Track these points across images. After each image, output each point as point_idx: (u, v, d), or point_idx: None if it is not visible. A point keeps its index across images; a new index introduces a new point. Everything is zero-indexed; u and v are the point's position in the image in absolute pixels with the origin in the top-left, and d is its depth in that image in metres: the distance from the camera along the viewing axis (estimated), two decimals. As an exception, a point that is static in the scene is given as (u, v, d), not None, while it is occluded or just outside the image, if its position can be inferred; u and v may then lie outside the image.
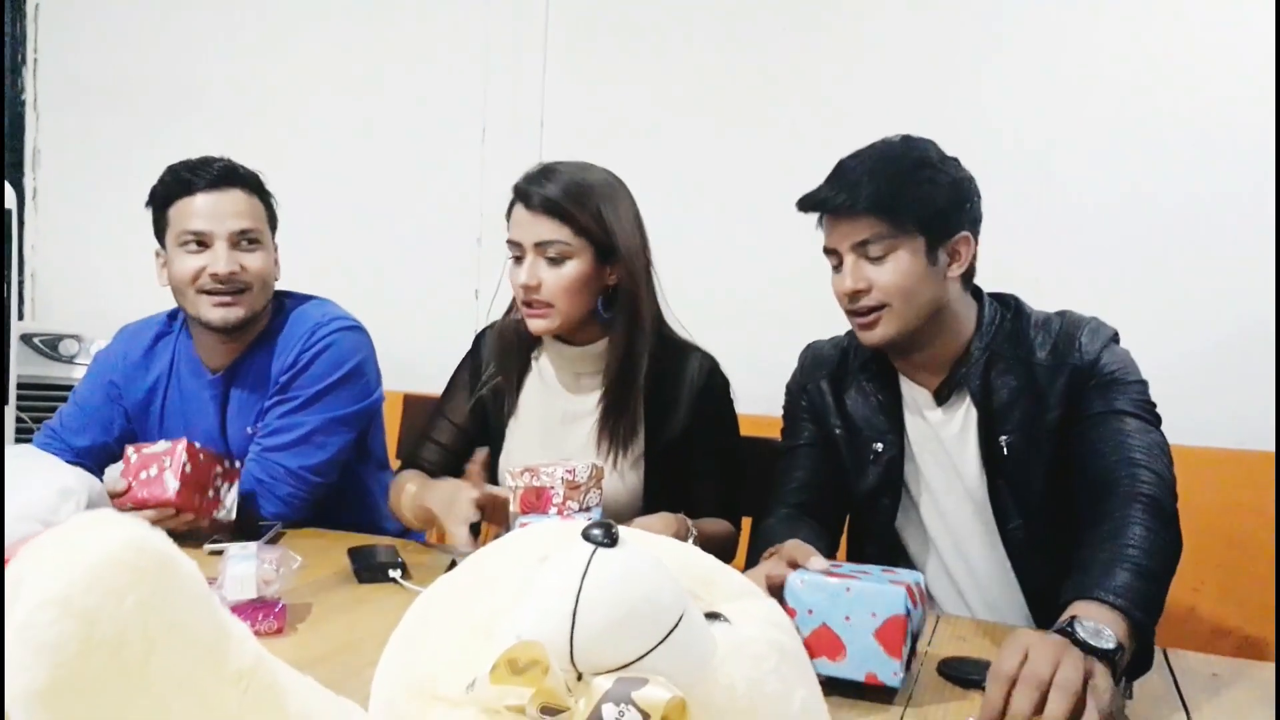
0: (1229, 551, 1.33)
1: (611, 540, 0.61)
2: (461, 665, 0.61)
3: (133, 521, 0.51)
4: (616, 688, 0.57)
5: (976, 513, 1.48)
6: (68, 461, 1.71)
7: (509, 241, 1.59)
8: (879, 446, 1.50)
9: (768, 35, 2.47)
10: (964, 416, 1.46)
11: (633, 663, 0.58)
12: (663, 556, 0.65)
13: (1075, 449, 1.38)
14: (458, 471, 1.69)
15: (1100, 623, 1.07)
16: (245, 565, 1.18)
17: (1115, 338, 1.44)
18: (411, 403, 2.53)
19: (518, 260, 1.58)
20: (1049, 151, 2.19)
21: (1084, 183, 2.16)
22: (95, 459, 1.79)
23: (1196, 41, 2.16)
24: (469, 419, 1.73)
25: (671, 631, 0.59)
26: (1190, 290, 2.15)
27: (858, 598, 1.06)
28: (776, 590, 1.09)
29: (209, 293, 1.67)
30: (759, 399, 1.80)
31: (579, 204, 1.55)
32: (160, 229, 1.73)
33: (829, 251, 1.43)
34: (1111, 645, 1.05)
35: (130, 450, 1.54)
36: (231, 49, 2.93)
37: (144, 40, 3.01)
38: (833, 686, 1.05)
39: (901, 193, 1.36)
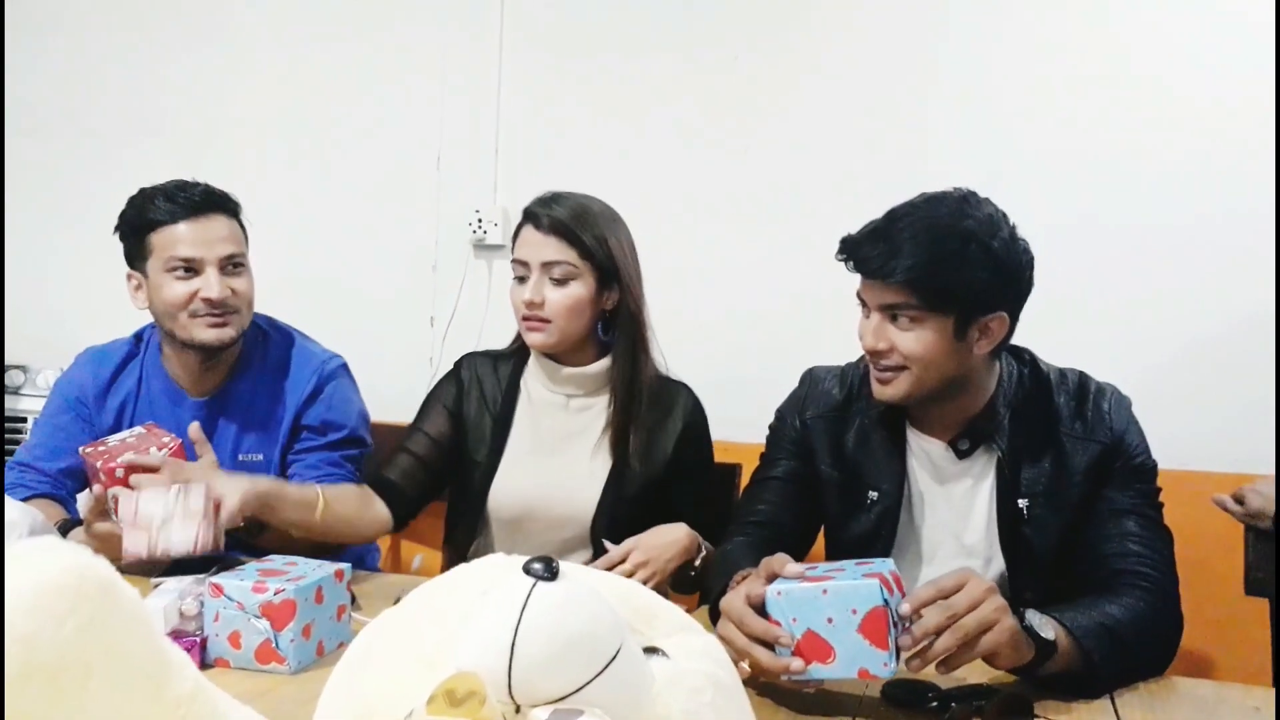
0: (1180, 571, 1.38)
1: (552, 574, 0.62)
2: (403, 696, 0.61)
3: (74, 548, 0.52)
4: (553, 719, 0.58)
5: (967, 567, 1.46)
6: (45, 487, 1.76)
7: (515, 261, 1.67)
8: (874, 494, 1.47)
9: (727, 54, 2.51)
10: (979, 473, 1.44)
11: (570, 694, 0.60)
12: (603, 591, 0.67)
13: (1084, 531, 1.39)
14: (430, 485, 1.74)
15: (1050, 625, 1.16)
16: (162, 599, 1.17)
17: (1130, 405, 1.45)
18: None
19: (521, 280, 1.65)
20: (994, 175, 2.25)
21: (1034, 208, 2.23)
22: (74, 480, 1.79)
23: (1145, 68, 2.24)
24: (447, 433, 1.75)
25: (609, 664, 0.61)
26: (1135, 313, 2.23)
27: (835, 598, 1.08)
28: (759, 608, 1.11)
29: (200, 315, 1.70)
30: (723, 422, 1.84)
31: (585, 227, 1.64)
32: (137, 255, 1.72)
33: (861, 296, 1.41)
34: (1047, 637, 1.14)
35: (89, 451, 1.54)
36: (186, 78, 2.92)
37: (98, 69, 2.99)
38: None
39: (939, 273, 1.31)
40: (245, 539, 1.56)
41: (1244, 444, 2.09)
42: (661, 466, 1.70)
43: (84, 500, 1.70)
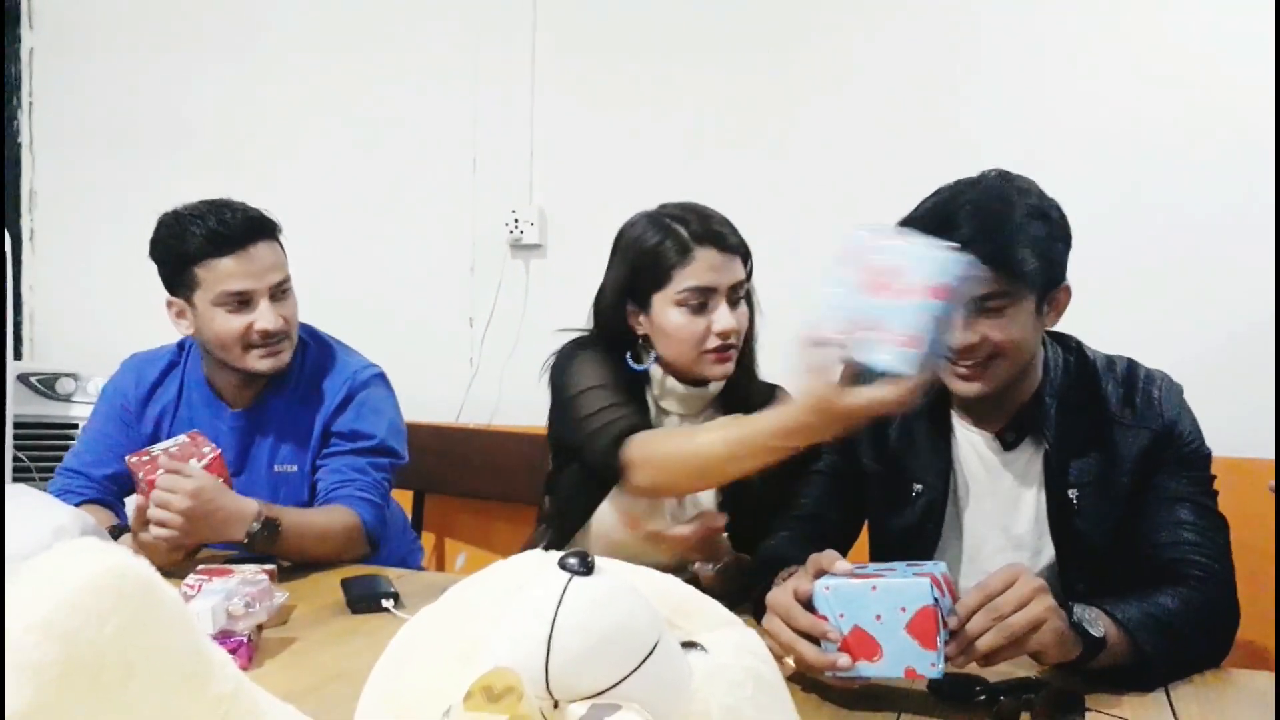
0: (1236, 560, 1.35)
1: (588, 569, 0.62)
2: (442, 693, 0.62)
3: (117, 549, 0.52)
4: (590, 714, 0.58)
5: (1016, 562, 1.38)
6: (92, 493, 1.78)
7: (695, 289, 1.49)
8: (919, 487, 1.44)
9: (756, 52, 2.50)
10: (1026, 464, 1.41)
11: (607, 690, 0.60)
12: (640, 585, 0.66)
13: (1136, 520, 1.36)
14: None
15: (1101, 620, 1.13)
16: (209, 600, 1.18)
17: (1182, 393, 1.41)
18: (408, 431, 2.54)
19: (699, 308, 1.50)
20: (1031, 164, 2.23)
21: (1078, 194, 2.20)
22: (120, 486, 1.81)
23: (1192, 50, 2.19)
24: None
25: (646, 659, 0.60)
26: (1180, 299, 2.19)
27: (884, 595, 1.07)
28: (807, 604, 1.10)
29: (256, 346, 1.70)
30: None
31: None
32: (179, 284, 1.70)
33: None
34: (1096, 634, 1.12)
35: (134, 461, 1.56)
36: (221, 86, 2.96)
37: (135, 80, 3.04)
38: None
39: (1023, 249, 1.28)
40: (263, 549, 1.54)
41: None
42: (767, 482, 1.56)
43: (133, 506, 1.72)
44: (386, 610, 1.40)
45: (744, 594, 1.49)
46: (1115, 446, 1.37)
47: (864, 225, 1.13)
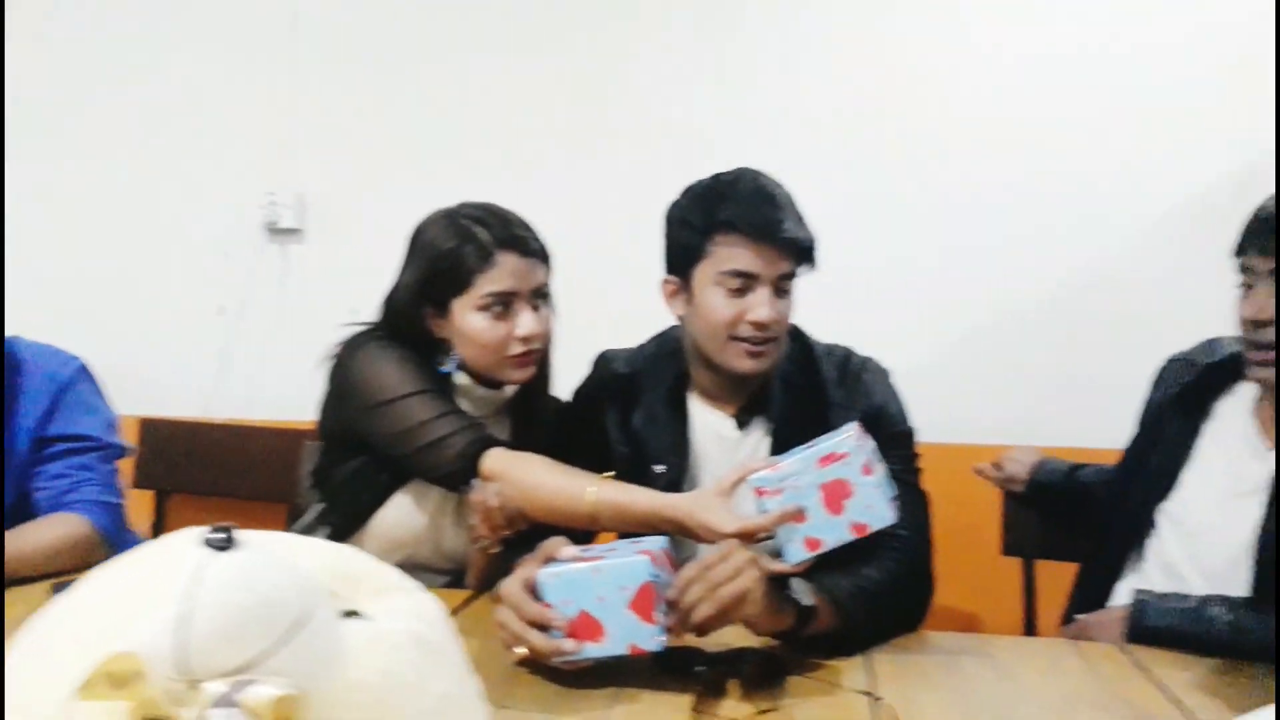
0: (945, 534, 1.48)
1: (229, 544, 0.60)
2: (73, 680, 0.57)
3: None
4: (225, 691, 0.55)
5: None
6: None
7: (497, 294, 1.47)
8: (660, 468, 1.50)
9: (527, 46, 2.50)
10: (755, 444, 1.50)
11: (250, 665, 0.57)
12: (301, 558, 0.65)
13: None
14: None
15: (810, 593, 1.21)
16: None
17: (890, 376, 1.53)
18: (150, 427, 2.40)
19: (500, 313, 1.48)
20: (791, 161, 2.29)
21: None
22: None
23: (917, 45, 2.35)
24: None
25: (293, 631, 0.59)
26: (914, 302, 2.35)
27: (605, 576, 1.11)
28: (534, 591, 1.13)
29: None
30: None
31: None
32: None
33: (742, 275, 1.40)
34: (807, 603, 1.19)
35: None
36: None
37: None
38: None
39: (807, 231, 1.42)
40: None
41: (1002, 419, 2.27)
42: None
43: None
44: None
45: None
46: (832, 426, 1.43)
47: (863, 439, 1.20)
